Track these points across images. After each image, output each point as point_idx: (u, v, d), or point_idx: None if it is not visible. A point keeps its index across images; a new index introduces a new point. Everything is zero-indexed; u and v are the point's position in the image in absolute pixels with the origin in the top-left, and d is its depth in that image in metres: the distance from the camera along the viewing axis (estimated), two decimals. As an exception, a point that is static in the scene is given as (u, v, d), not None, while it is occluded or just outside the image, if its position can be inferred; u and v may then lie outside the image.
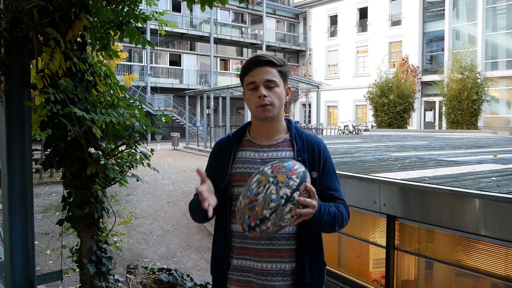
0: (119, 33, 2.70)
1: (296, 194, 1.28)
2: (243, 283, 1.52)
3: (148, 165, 2.72)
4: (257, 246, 1.48)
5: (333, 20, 30.43)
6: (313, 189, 1.32)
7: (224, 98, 21.38)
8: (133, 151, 2.70)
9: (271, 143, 1.55)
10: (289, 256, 1.49)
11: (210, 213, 1.34)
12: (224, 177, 1.53)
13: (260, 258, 1.48)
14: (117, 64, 19.57)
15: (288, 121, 1.62)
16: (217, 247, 1.58)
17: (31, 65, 2.58)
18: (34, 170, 10.64)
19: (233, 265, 1.53)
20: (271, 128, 1.56)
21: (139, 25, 2.77)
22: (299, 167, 1.33)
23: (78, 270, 2.72)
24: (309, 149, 1.55)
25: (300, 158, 1.51)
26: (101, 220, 2.72)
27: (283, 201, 1.26)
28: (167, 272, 3.41)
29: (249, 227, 1.31)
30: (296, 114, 32.29)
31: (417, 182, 3.36)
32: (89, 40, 2.71)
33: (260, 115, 1.50)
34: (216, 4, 2.43)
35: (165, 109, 23.66)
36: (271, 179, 1.29)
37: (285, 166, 1.32)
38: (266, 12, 31.02)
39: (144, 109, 2.81)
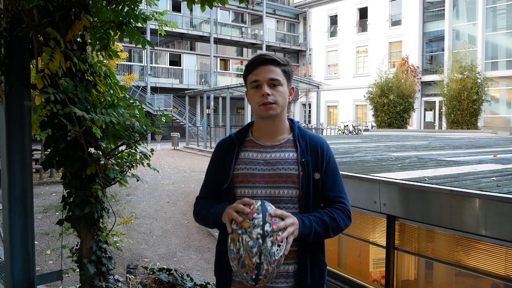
0: (119, 33, 2.70)
1: (267, 227, 1.30)
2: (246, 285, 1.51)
3: (148, 165, 2.72)
4: None
5: (333, 20, 30.43)
6: (278, 211, 1.36)
7: (224, 98, 21.39)
8: (133, 151, 2.70)
9: (274, 144, 1.54)
10: (291, 257, 1.48)
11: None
12: (227, 178, 1.52)
13: None
14: (117, 64, 19.57)
15: (291, 121, 1.60)
16: (221, 249, 1.56)
17: (31, 65, 2.58)
18: (34, 170, 10.64)
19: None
20: (274, 128, 1.55)
21: (139, 25, 2.77)
22: (254, 204, 1.36)
23: (78, 270, 2.72)
24: (313, 150, 1.54)
25: (303, 160, 1.50)
26: (101, 220, 2.72)
27: (260, 240, 1.29)
28: (167, 272, 3.41)
29: (253, 281, 1.33)
30: (296, 114, 32.29)
31: (417, 182, 3.36)
32: (89, 40, 2.71)
33: (263, 113, 1.49)
34: (216, 4, 2.43)
35: (165, 109, 23.66)
36: (239, 231, 1.32)
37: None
38: (266, 12, 31.02)
39: (144, 109, 2.81)
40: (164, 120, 2.72)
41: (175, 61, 27.97)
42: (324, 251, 1.58)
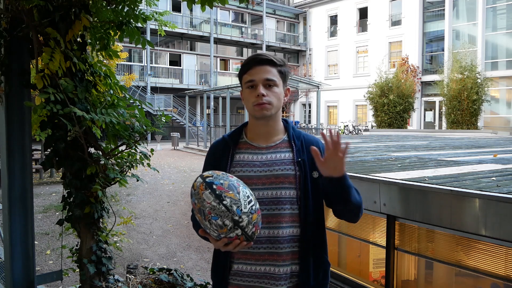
0: (119, 33, 2.70)
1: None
2: (244, 287, 1.49)
3: (148, 165, 2.72)
4: (259, 250, 1.45)
5: (333, 20, 30.43)
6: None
7: (224, 98, 21.38)
8: (133, 151, 2.71)
9: (269, 145, 1.52)
10: (291, 258, 1.47)
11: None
12: None
13: (263, 262, 1.45)
14: (117, 64, 19.56)
15: (285, 122, 1.59)
16: (218, 252, 1.54)
17: (31, 65, 2.58)
18: (34, 170, 10.64)
19: (234, 270, 1.50)
20: (269, 129, 1.53)
21: (139, 25, 2.77)
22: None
23: (78, 270, 2.72)
24: (308, 149, 1.51)
25: (300, 159, 1.49)
26: (101, 220, 2.72)
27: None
28: (167, 272, 3.41)
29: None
30: (296, 114, 32.29)
31: (417, 182, 3.36)
32: (89, 40, 2.71)
33: (258, 114, 1.47)
34: (216, 4, 2.43)
35: (165, 109, 23.65)
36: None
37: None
38: (266, 12, 31.02)
39: (144, 109, 2.81)
40: (164, 120, 2.72)
41: (175, 61, 27.97)
42: (326, 251, 1.57)
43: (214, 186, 1.26)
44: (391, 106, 19.87)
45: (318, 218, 1.51)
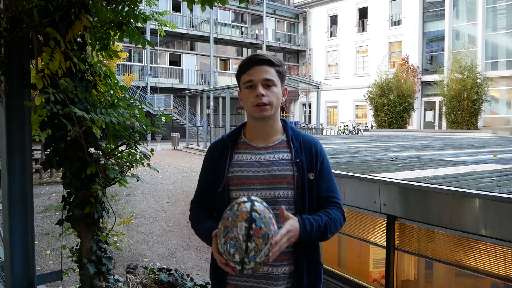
0: (119, 33, 2.70)
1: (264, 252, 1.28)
2: (243, 287, 1.50)
3: (148, 165, 2.72)
4: None
5: (333, 20, 30.43)
6: (280, 236, 1.30)
7: (224, 98, 21.39)
8: (133, 151, 2.71)
9: (268, 145, 1.53)
10: (288, 258, 1.48)
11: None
12: (221, 181, 1.50)
13: None
14: (117, 64, 19.57)
15: (284, 122, 1.59)
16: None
17: (31, 65, 2.58)
18: (34, 170, 10.64)
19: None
20: (267, 129, 1.53)
21: (139, 25, 2.77)
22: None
23: (78, 270, 2.72)
24: (307, 150, 1.53)
25: (298, 160, 1.49)
26: (101, 220, 2.72)
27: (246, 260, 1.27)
28: (167, 272, 3.41)
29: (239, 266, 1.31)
30: (296, 114, 32.29)
31: (417, 182, 3.36)
32: (89, 40, 2.71)
33: (257, 114, 1.47)
34: (216, 4, 2.43)
35: (165, 109, 23.65)
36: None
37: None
38: (266, 12, 31.02)
39: (144, 109, 2.81)
40: (164, 120, 2.72)
41: (175, 61, 27.96)
42: (319, 251, 1.58)
43: (253, 225, 1.25)
44: (391, 106, 19.87)
45: None
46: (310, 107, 31.33)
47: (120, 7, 2.67)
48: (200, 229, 1.52)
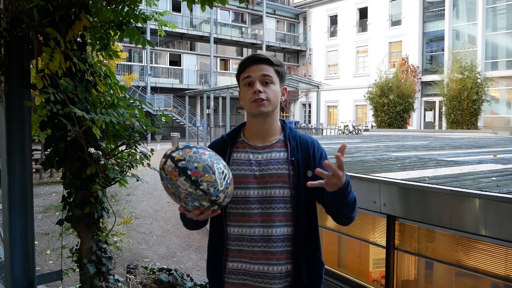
0: (119, 33, 2.70)
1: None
2: (239, 286, 1.50)
3: (148, 165, 2.72)
4: (253, 249, 1.47)
5: (333, 20, 30.43)
6: (334, 163, 1.32)
7: (224, 98, 21.39)
8: (133, 151, 2.71)
9: (265, 144, 1.54)
10: (285, 257, 1.48)
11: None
12: None
13: (257, 261, 1.47)
14: (117, 64, 19.57)
15: (283, 122, 1.60)
16: (213, 250, 1.56)
17: (31, 65, 2.58)
18: (34, 170, 10.64)
19: (229, 268, 1.51)
20: (266, 128, 1.54)
21: (139, 25, 2.77)
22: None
23: (78, 270, 2.72)
24: (303, 149, 1.53)
25: (293, 158, 1.50)
26: (101, 220, 2.72)
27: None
28: (167, 272, 3.41)
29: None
30: (296, 114, 32.29)
31: (417, 182, 3.36)
32: (89, 40, 2.71)
33: (255, 110, 1.48)
34: (216, 4, 2.43)
35: (165, 109, 23.64)
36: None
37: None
38: (266, 12, 31.02)
39: (144, 109, 2.81)
40: (164, 120, 2.73)
41: (175, 61, 27.96)
42: (320, 250, 1.57)
43: (189, 172, 1.24)
44: (391, 106, 19.86)
45: (311, 218, 1.52)
46: (310, 107, 31.33)
47: (120, 7, 2.67)
48: (182, 216, 1.52)
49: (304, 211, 1.49)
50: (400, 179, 3.54)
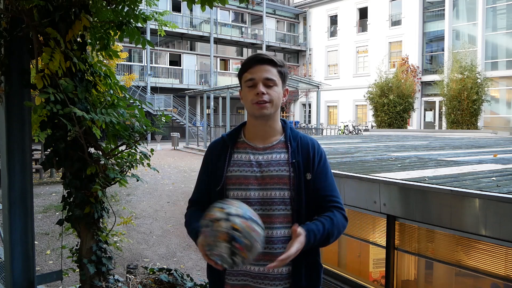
0: (119, 33, 2.70)
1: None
2: (240, 287, 1.50)
3: (148, 165, 2.72)
4: None
5: (333, 20, 30.42)
6: (287, 256, 1.32)
7: (224, 98, 21.39)
8: (133, 151, 2.71)
9: (266, 145, 1.53)
10: None
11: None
12: (220, 180, 1.50)
13: (257, 262, 1.46)
14: (117, 64, 19.56)
15: (284, 122, 1.59)
16: None
17: (31, 65, 2.58)
18: (34, 170, 10.64)
19: (229, 269, 1.50)
20: (267, 129, 1.53)
21: (139, 25, 2.77)
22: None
23: (78, 270, 2.72)
24: (304, 151, 1.52)
25: (294, 160, 1.49)
26: (101, 220, 2.72)
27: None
28: (167, 272, 3.41)
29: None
30: (296, 114, 32.28)
31: (417, 182, 3.36)
32: (89, 40, 2.71)
33: (257, 112, 1.47)
34: (216, 4, 2.43)
35: (165, 109, 23.64)
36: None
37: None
38: (266, 12, 31.01)
39: (144, 109, 2.81)
40: (164, 120, 2.72)
41: (175, 61, 27.96)
42: (319, 252, 1.57)
43: (236, 245, 1.25)
44: (391, 106, 19.87)
45: (310, 220, 1.51)
46: (310, 107, 31.33)
47: (120, 7, 2.67)
48: (190, 227, 1.52)
49: (304, 213, 1.48)
50: (400, 179, 3.54)
